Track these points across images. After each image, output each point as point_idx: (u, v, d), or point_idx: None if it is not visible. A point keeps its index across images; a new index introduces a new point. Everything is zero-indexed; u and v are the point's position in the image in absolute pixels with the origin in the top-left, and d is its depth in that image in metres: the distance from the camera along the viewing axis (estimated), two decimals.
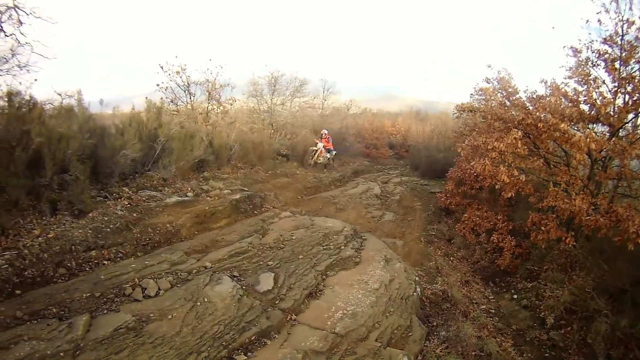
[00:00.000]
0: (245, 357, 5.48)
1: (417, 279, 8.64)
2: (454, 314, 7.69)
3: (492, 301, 8.90)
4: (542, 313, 7.96)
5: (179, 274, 6.95)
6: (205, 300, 6.27)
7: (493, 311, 8.44)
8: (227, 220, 9.96)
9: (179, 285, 6.61)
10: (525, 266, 9.55)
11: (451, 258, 10.71)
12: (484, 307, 8.51)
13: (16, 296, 5.73)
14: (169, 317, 5.76)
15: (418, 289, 8.21)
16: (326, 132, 19.24)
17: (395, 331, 6.64)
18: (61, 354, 4.71)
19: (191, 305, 6.09)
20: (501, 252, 10.07)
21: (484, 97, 16.36)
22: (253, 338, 5.85)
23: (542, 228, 8.92)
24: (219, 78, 16.48)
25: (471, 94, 18.62)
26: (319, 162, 18.53)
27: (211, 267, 7.39)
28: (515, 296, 8.93)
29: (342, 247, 9.16)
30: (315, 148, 18.43)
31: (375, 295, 7.34)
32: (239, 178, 12.84)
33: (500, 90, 12.80)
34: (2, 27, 7.69)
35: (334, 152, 19.43)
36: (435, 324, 7.45)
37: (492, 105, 12.50)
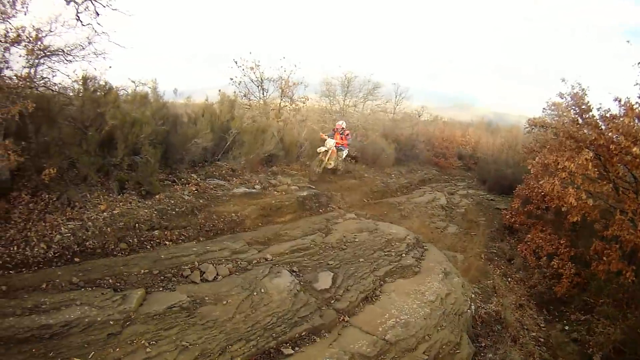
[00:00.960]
0: (293, 352, 5.37)
1: (473, 296, 8.34)
2: (504, 338, 7.49)
3: (543, 329, 8.43)
4: (591, 349, 7.38)
5: (239, 262, 6.88)
6: (262, 291, 6.15)
7: (542, 340, 8.00)
8: (292, 215, 9.84)
9: (237, 273, 6.53)
10: (582, 297, 8.85)
11: (509, 279, 10.21)
12: (534, 334, 8.12)
13: (74, 263, 5.85)
14: (224, 302, 5.68)
15: (473, 307, 7.91)
16: (343, 124, 14.30)
17: (444, 346, 6.40)
18: (111, 322, 4.73)
19: (247, 294, 5.98)
20: (560, 278, 9.38)
21: (556, 113, 15.40)
22: (303, 334, 5.74)
23: (604, 258, 8.25)
24: (293, 76, 16.47)
25: (543, 109, 17.63)
26: (330, 166, 13.84)
27: (271, 260, 7.27)
28: (566, 327, 8.37)
29: (403, 255, 8.80)
30: (325, 148, 13.53)
31: (430, 307, 7.06)
32: (307, 175, 12.69)
33: (573, 107, 11.85)
34: (78, 17, 7.96)
35: (345, 152, 14.48)
36: (483, 344, 7.23)
37: (565, 122, 11.65)
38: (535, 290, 9.71)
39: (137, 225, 7.08)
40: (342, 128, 14.02)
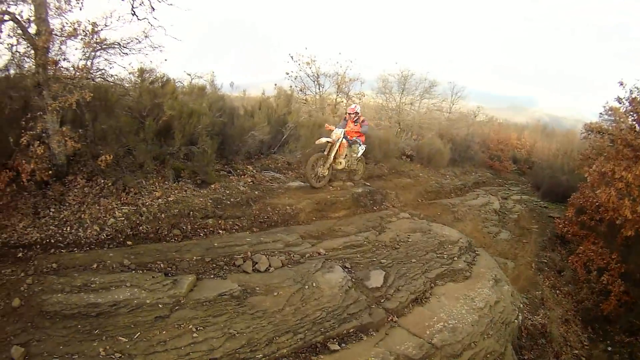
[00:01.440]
0: (339, 347, 5.34)
1: (521, 306, 8.11)
2: (547, 352, 7.40)
3: (586, 348, 8.18)
4: None
5: (292, 255, 6.84)
6: (314, 285, 6.08)
7: (584, 359, 7.81)
8: (347, 211, 9.71)
9: (289, 265, 6.50)
10: (628, 317, 8.47)
11: (557, 291, 9.85)
12: (576, 352, 7.91)
13: (127, 246, 5.96)
14: (275, 294, 5.65)
15: (520, 317, 7.70)
16: (358, 109, 10.83)
17: (488, 355, 6.27)
18: (160, 305, 4.77)
19: (299, 287, 5.93)
20: (608, 295, 8.86)
21: (613, 118, 14.50)
22: (351, 331, 5.69)
23: None
24: (349, 72, 16.42)
25: (600, 113, 16.61)
26: (340, 166, 10.40)
27: (324, 255, 7.18)
28: (609, 348, 8.09)
29: (455, 259, 8.56)
30: (329, 139, 9.96)
31: (479, 314, 6.89)
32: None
33: (631, 113, 10.99)
34: (134, 12, 8.12)
35: (362, 149, 10.96)
36: (526, 357, 7.11)
37: (622, 128, 10.85)
38: (582, 305, 9.36)
39: (191, 213, 7.16)
40: (356, 113, 10.65)
